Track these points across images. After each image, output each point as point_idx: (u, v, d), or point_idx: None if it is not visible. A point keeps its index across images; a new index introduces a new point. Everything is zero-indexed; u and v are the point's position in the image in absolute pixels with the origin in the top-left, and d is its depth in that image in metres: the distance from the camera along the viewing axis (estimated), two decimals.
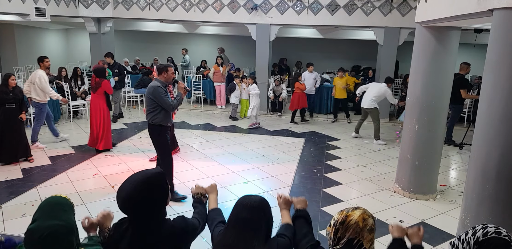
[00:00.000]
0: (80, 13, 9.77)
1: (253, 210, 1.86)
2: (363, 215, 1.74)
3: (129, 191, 1.77)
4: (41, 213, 1.65)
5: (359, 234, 1.71)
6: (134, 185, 1.78)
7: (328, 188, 5.32)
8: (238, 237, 1.82)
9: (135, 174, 1.85)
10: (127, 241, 1.82)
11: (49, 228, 1.57)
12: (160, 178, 1.85)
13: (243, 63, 12.53)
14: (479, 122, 3.07)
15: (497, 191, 2.88)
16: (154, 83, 4.56)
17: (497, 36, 2.85)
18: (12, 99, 5.83)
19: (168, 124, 4.70)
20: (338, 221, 1.76)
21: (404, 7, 8.55)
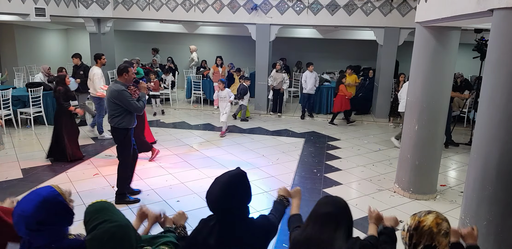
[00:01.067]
0: (80, 13, 9.77)
1: (337, 205, 2.00)
2: (437, 220, 1.74)
3: (216, 193, 1.86)
4: (94, 221, 1.66)
5: (434, 239, 1.69)
6: (220, 187, 1.87)
7: (328, 188, 5.32)
8: (320, 229, 1.91)
9: (220, 177, 1.93)
10: (215, 237, 1.89)
11: (108, 231, 1.61)
12: (241, 178, 1.93)
13: (243, 63, 12.53)
14: (479, 122, 3.07)
15: (497, 191, 2.88)
16: (116, 86, 4.41)
17: (497, 36, 2.85)
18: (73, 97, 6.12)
19: (133, 126, 4.62)
20: (411, 226, 1.74)
21: (404, 7, 8.55)
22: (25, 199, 1.68)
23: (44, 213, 1.63)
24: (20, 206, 1.66)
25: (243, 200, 1.93)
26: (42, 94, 7.89)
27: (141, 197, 4.88)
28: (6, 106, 7.59)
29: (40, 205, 1.63)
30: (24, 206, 1.65)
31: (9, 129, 7.80)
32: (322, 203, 2.00)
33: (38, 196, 1.66)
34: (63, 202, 1.70)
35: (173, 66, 11.66)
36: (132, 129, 4.63)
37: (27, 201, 1.66)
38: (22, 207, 1.65)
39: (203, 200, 4.81)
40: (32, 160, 6.12)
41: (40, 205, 1.63)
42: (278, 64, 9.46)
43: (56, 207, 1.67)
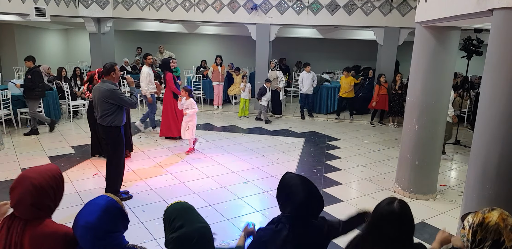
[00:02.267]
0: (80, 13, 9.77)
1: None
2: (502, 215, 1.75)
3: (315, 199, 1.98)
4: (181, 219, 1.72)
5: (502, 234, 1.71)
6: (316, 193, 2.01)
7: (328, 188, 5.32)
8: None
9: (305, 182, 2.06)
10: (290, 237, 1.91)
11: (198, 230, 1.68)
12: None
13: (243, 63, 12.53)
14: (479, 122, 3.07)
15: (497, 191, 2.88)
16: (107, 86, 4.44)
17: (497, 36, 2.85)
18: None
19: (124, 123, 4.68)
20: (474, 223, 1.76)
21: (404, 7, 8.55)
22: (86, 211, 1.72)
23: (109, 221, 1.70)
24: (83, 218, 1.70)
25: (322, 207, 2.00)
26: None
27: (141, 197, 4.88)
28: (6, 106, 7.59)
29: (103, 215, 1.68)
30: (87, 218, 1.68)
31: (9, 129, 7.81)
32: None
33: (98, 206, 1.71)
34: (121, 209, 1.77)
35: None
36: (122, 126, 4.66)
37: (89, 213, 1.70)
38: (86, 219, 1.68)
39: (203, 200, 4.84)
40: (32, 160, 6.12)
41: (103, 215, 1.68)
42: (272, 62, 9.32)
43: (117, 213, 1.74)
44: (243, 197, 4.96)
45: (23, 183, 1.69)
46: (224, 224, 4.24)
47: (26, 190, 1.68)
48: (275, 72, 9.22)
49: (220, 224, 4.23)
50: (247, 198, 4.96)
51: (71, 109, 8.72)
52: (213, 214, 4.45)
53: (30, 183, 1.69)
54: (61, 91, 8.86)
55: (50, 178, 1.76)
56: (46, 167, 1.84)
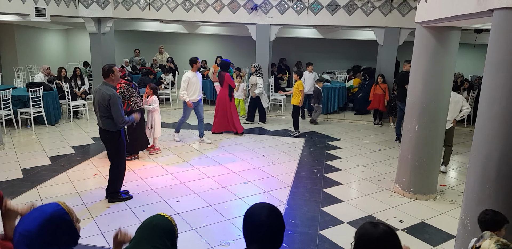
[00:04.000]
0: (80, 13, 9.77)
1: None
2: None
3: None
4: (139, 233, 1.62)
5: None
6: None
7: (328, 188, 5.32)
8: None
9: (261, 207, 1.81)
10: None
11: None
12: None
13: (243, 63, 12.52)
14: (479, 122, 3.07)
15: (497, 191, 2.88)
16: (107, 89, 4.34)
17: (497, 36, 2.85)
18: None
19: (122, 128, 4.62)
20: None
21: (404, 7, 8.55)
22: (29, 217, 1.55)
23: (49, 232, 1.51)
24: (23, 224, 1.53)
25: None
26: (42, 94, 7.89)
27: (141, 197, 4.88)
28: (6, 106, 7.59)
29: (45, 224, 1.51)
30: (27, 225, 1.52)
31: (9, 129, 7.81)
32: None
33: (43, 214, 1.54)
34: (70, 221, 1.58)
35: (173, 66, 11.66)
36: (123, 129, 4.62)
37: (31, 219, 1.53)
38: (26, 226, 1.52)
39: (203, 200, 4.84)
40: (32, 160, 6.12)
41: (45, 224, 1.51)
42: (252, 66, 8.78)
43: (62, 226, 1.55)
44: (243, 197, 4.96)
45: None
46: (224, 224, 4.24)
47: None
48: (254, 78, 8.69)
49: (220, 224, 4.23)
50: (247, 198, 4.96)
51: (71, 109, 8.72)
52: (213, 214, 4.45)
53: None
54: (61, 92, 8.87)
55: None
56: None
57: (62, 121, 8.65)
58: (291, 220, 4.37)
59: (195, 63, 7.06)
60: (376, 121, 9.21)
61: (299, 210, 4.68)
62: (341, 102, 10.22)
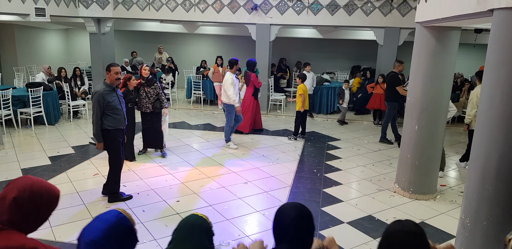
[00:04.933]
0: (80, 13, 9.77)
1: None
2: None
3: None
4: (176, 234, 1.66)
5: None
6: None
7: (328, 188, 5.32)
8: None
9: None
10: None
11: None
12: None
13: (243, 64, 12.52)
14: (479, 122, 3.07)
15: (497, 191, 2.88)
16: (98, 87, 4.45)
17: (497, 36, 2.85)
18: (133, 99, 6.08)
19: (118, 127, 4.56)
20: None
21: (404, 7, 8.55)
22: (92, 226, 1.57)
23: (114, 240, 1.53)
24: (87, 234, 1.55)
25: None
26: (42, 94, 7.89)
27: (141, 197, 4.88)
28: (6, 106, 7.59)
29: (109, 232, 1.53)
30: (91, 234, 1.53)
31: (9, 129, 7.81)
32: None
33: (106, 222, 1.56)
34: (131, 227, 1.62)
35: (173, 66, 11.66)
36: (117, 130, 4.57)
37: (94, 229, 1.55)
38: (90, 235, 1.53)
39: (203, 200, 4.84)
40: (32, 160, 6.12)
41: (109, 232, 1.53)
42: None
43: (125, 233, 1.58)
44: (243, 197, 4.96)
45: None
46: (224, 224, 4.24)
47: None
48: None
49: (220, 224, 4.23)
50: (247, 198, 4.96)
51: (71, 109, 8.72)
52: (213, 214, 4.45)
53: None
54: (61, 92, 8.87)
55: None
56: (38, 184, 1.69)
57: (62, 121, 8.65)
58: None
59: (236, 64, 6.95)
60: (376, 121, 9.21)
61: None
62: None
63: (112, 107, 4.44)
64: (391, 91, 7.42)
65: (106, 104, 4.40)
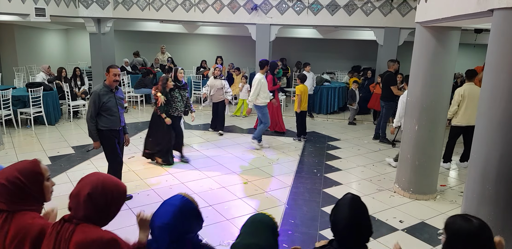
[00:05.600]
0: (80, 13, 9.77)
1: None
2: None
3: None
4: (244, 229, 1.75)
5: None
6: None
7: (328, 188, 5.32)
8: None
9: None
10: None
11: (248, 246, 1.66)
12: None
13: (243, 63, 12.53)
14: (479, 122, 3.07)
15: (497, 191, 2.88)
16: (96, 87, 4.50)
17: (497, 36, 2.85)
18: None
19: (113, 128, 4.55)
20: None
21: (404, 7, 8.55)
22: (161, 211, 1.72)
23: (182, 220, 1.68)
24: (158, 219, 1.70)
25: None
26: (42, 94, 7.89)
27: (141, 197, 4.88)
28: (6, 106, 7.59)
29: (177, 214, 1.68)
30: (162, 218, 1.68)
31: (9, 129, 7.81)
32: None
33: (173, 206, 1.71)
34: (196, 208, 1.76)
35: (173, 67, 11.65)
36: (111, 131, 4.55)
37: (163, 213, 1.70)
38: (161, 219, 1.68)
39: (203, 200, 4.83)
40: None
41: (177, 214, 1.68)
42: (217, 69, 7.76)
43: (193, 214, 1.73)
44: (243, 197, 4.96)
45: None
46: (224, 224, 4.24)
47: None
48: (219, 81, 7.65)
49: (220, 224, 4.23)
50: (247, 198, 4.96)
51: (71, 109, 8.72)
52: (213, 214, 4.45)
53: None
54: (61, 92, 8.87)
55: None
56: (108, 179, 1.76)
57: (62, 121, 8.65)
58: (291, 220, 4.37)
59: (266, 65, 7.04)
60: (376, 121, 9.21)
61: (299, 210, 4.68)
62: (341, 102, 10.22)
63: (107, 108, 4.45)
64: (387, 91, 7.43)
65: (101, 105, 4.42)
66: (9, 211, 1.71)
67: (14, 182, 1.71)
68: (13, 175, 1.73)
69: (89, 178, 1.72)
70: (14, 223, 1.69)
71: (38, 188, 1.77)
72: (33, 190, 1.75)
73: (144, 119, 9.03)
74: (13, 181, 1.71)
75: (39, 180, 1.78)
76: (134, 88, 10.24)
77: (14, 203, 1.71)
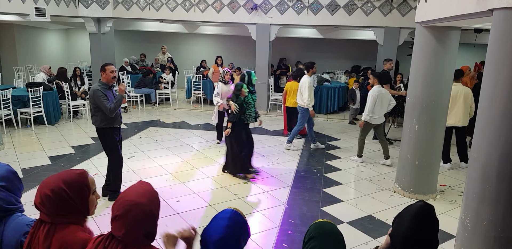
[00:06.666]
0: (80, 13, 9.77)
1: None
2: None
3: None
4: (316, 243, 1.65)
5: None
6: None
7: (328, 188, 5.32)
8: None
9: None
10: None
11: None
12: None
13: (243, 63, 12.52)
14: (479, 122, 3.07)
15: (497, 191, 2.88)
16: (94, 86, 4.50)
17: (497, 36, 2.85)
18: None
19: (115, 126, 4.56)
20: None
21: (404, 7, 8.55)
22: (214, 226, 1.71)
23: (237, 234, 1.68)
24: (212, 233, 1.67)
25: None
26: (42, 94, 7.89)
27: None
28: (6, 106, 7.59)
29: (233, 227, 1.68)
30: (217, 233, 1.66)
31: (9, 129, 7.81)
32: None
33: (227, 220, 1.70)
34: (246, 222, 1.76)
35: (173, 66, 11.66)
36: (112, 128, 4.57)
37: (217, 227, 1.69)
38: (215, 234, 1.66)
39: (203, 200, 4.84)
40: (32, 159, 6.12)
41: (233, 227, 1.68)
42: (226, 74, 7.01)
43: (244, 226, 1.74)
44: (243, 197, 4.96)
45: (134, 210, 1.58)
46: None
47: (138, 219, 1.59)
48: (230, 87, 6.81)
49: None
50: (247, 198, 4.96)
51: (71, 109, 8.72)
52: (213, 214, 4.43)
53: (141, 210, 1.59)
54: (61, 91, 8.86)
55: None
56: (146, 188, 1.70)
57: (62, 121, 8.65)
58: (291, 220, 4.37)
59: (312, 68, 6.94)
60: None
61: (299, 210, 4.68)
62: (341, 102, 10.22)
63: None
64: None
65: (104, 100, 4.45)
66: (52, 223, 1.66)
67: (59, 193, 1.63)
68: (59, 186, 1.64)
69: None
70: (56, 236, 1.64)
71: (84, 201, 1.70)
72: (78, 204, 1.68)
73: (144, 119, 9.04)
74: (59, 192, 1.63)
75: (85, 193, 1.71)
76: (134, 88, 10.25)
77: (57, 216, 1.66)
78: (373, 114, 6.14)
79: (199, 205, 4.68)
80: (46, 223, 1.67)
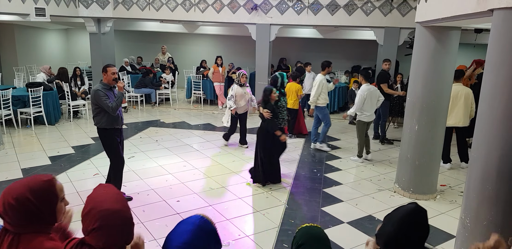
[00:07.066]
0: (80, 13, 9.77)
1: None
2: None
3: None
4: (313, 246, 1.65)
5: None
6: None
7: (328, 188, 5.32)
8: None
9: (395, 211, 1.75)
10: None
11: None
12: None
13: (243, 63, 12.52)
14: (479, 122, 3.07)
15: (497, 191, 2.88)
16: (95, 86, 4.51)
17: (497, 36, 2.85)
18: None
19: (115, 127, 4.56)
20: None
21: (404, 7, 8.55)
22: (178, 230, 1.62)
23: (203, 240, 1.59)
24: (176, 238, 1.58)
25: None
26: (42, 94, 7.89)
27: (141, 197, 4.88)
28: (6, 106, 7.59)
29: (198, 232, 1.59)
30: (180, 238, 1.57)
31: (9, 129, 7.81)
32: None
33: (192, 224, 1.61)
34: (216, 230, 1.67)
35: (173, 66, 11.67)
36: (113, 129, 4.56)
37: (181, 232, 1.60)
38: (180, 239, 1.57)
39: (203, 200, 4.84)
40: (32, 159, 6.12)
41: (198, 232, 1.59)
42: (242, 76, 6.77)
43: (212, 234, 1.64)
44: (243, 197, 4.96)
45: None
46: (224, 224, 4.24)
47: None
48: (245, 90, 6.81)
49: (220, 224, 4.23)
50: (247, 198, 4.96)
51: (71, 109, 8.72)
52: (213, 214, 4.45)
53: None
54: (61, 91, 8.87)
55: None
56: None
57: (62, 121, 8.65)
58: (291, 220, 4.37)
59: (328, 67, 7.04)
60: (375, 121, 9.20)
61: (299, 210, 4.68)
62: (341, 102, 10.22)
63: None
64: (380, 90, 7.41)
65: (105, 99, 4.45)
66: (16, 232, 1.57)
67: (24, 203, 1.53)
68: (24, 195, 1.53)
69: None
70: (21, 247, 1.55)
71: (51, 210, 1.61)
72: (45, 213, 1.58)
73: (144, 119, 9.04)
74: (23, 201, 1.53)
75: (52, 201, 1.61)
76: (134, 88, 10.25)
77: (22, 226, 1.56)
78: (365, 112, 6.27)
79: (199, 205, 4.68)
80: (10, 232, 1.57)
